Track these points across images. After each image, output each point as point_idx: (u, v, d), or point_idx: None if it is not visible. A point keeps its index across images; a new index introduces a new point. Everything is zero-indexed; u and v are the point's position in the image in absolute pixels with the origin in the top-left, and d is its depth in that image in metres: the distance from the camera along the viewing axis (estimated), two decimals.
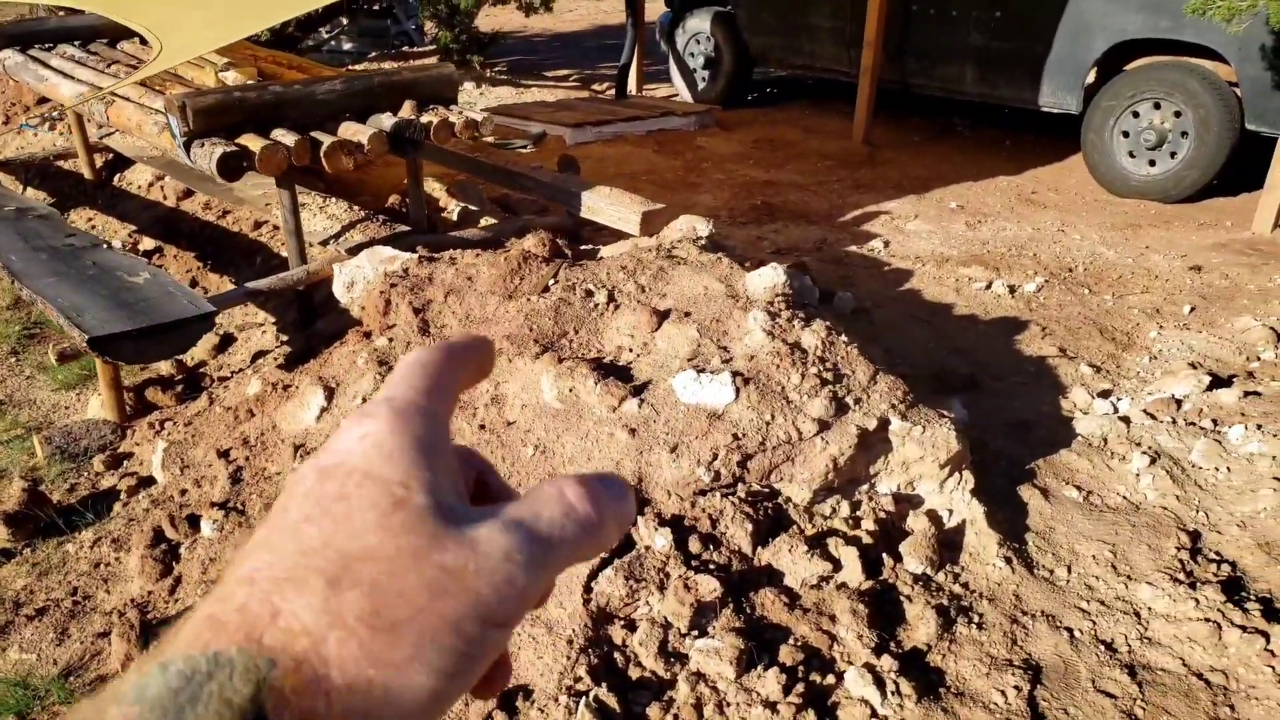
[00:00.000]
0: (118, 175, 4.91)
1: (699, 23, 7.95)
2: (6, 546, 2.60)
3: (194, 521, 2.52)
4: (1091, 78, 6.06)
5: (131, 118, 3.37)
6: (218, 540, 2.43)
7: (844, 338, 2.66)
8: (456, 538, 0.30)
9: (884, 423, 2.44)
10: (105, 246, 3.32)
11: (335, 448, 0.32)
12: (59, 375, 3.52)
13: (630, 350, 2.71)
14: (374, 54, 9.65)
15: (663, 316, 2.76)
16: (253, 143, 2.97)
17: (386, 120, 3.23)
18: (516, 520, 0.32)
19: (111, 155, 4.92)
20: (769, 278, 2.84)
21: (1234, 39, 5.20)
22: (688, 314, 2.76)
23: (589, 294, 2.91)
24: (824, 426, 2.38)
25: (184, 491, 2.70)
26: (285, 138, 3.03)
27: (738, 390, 2.41)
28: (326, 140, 3.07)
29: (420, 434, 0.33)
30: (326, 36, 9.06)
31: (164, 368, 3.32)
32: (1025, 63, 6.24)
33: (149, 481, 2.85)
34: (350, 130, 3.17)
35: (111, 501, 2.77)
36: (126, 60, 4.23)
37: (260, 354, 3.36)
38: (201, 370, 3.43)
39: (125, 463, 2.96)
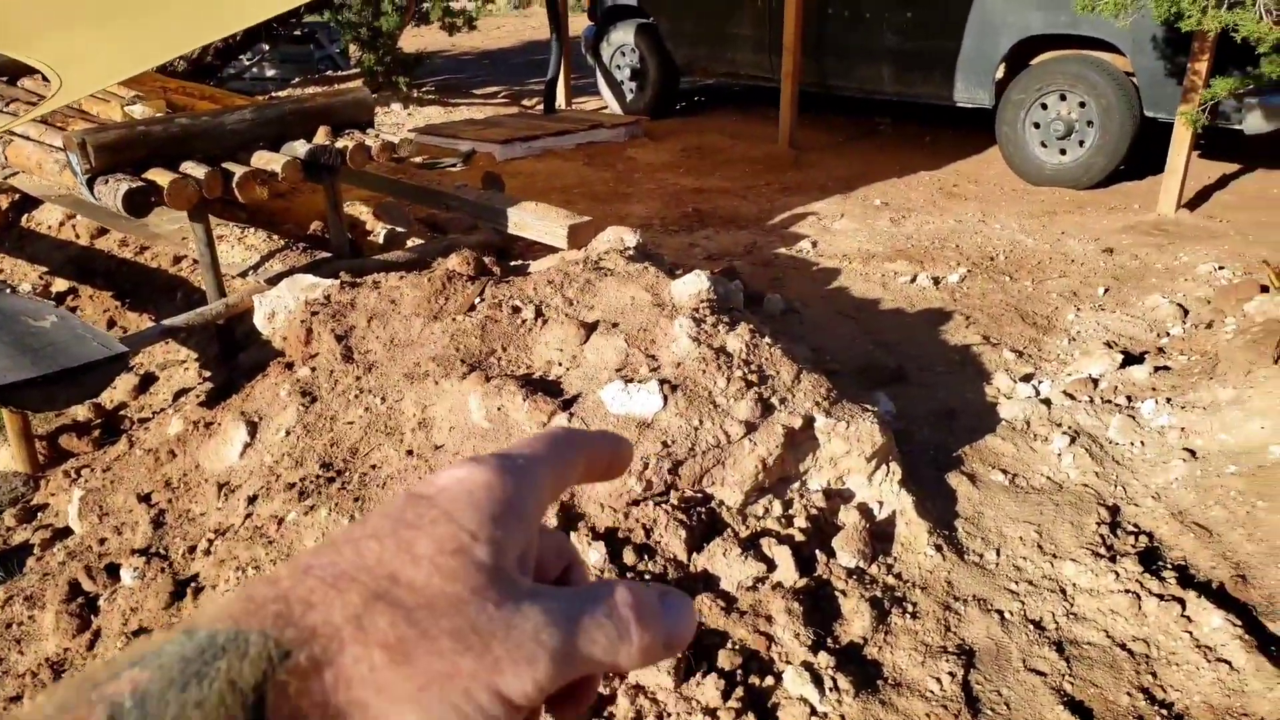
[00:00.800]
0: (25, 216, 4.76)
1: (623, 35, 8.00)
2: None
3: (113, 571, 2.45)
4: (1001, 73, 6.24)
5: (31, 156, 3.28)
6: (139, 589, 2.36)
7: (768, 339, 2.69)
8: (497, 601, 0.30)
9: (809, 420, 2.47)
10: (8, 291, 3.22)
11: (433, 480, 0.34)
12: None
13: (560, 364, 2.71)
14: (298, 79, 9.53)
15: (590, 329, 2.76)
16: (160, 177, 2.91)
17: (300, 147, 3.19)
18: (560, 608, 0.32)
19: (17, 195, 4.78)
20: (693, 284, 2.86)
21: (1127, 32, 5.40)
22: (615, 325, 2.77)
23: (516, 310, 2.90)
24: (751, 428, 2.40)
25: (103, 540, 2.63)
26: (195, 170, 2.98)
27: (665, 398, 2.42)
28: (238, 171, 3.02)
29: (511, 496, 0.33)
30: (248, 64, 8.93)
31: (80, 412, 3.22)
32: (938, 61, 6.40)
33: (66, 533, 2.75)
34: (263, 159, 3.13)
35: (25, 557, 2.67)
36: (26, 97, 4.11)
37: (183, 392, 3.29)
38: (122, 413, 3.34)
39: (39, 515, 2.86)
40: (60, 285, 4.24)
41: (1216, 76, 4.53)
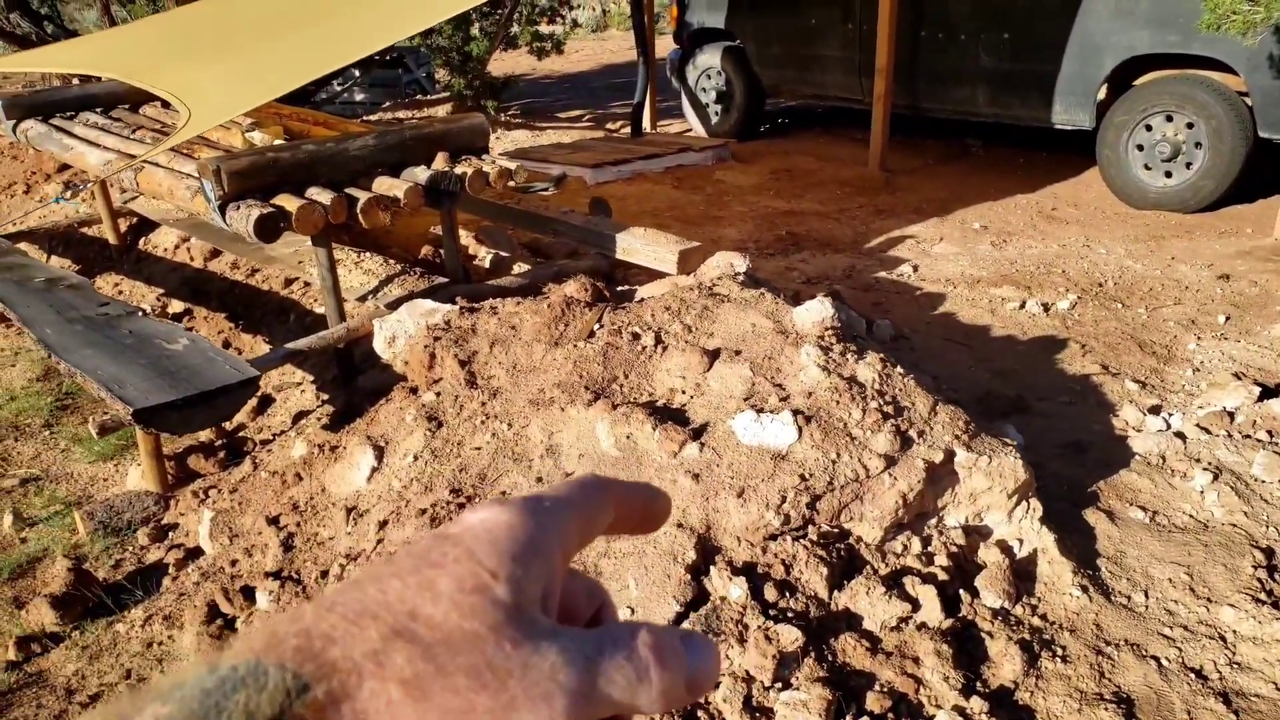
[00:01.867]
0: (142, 239, 4.92)
1: (709, 58, 8.01)
2: (55, 630, 2.54)
3: (249, 593, 2.48)
4: (1103, 94, 6.08)
5: (163, 183, 3.38)
6: (275, 612, 2.39)
7: (899, 369, 2.63)
8: (515, 639, 0.31)
9: (949, 455, 2.40)
10: (140, 314, 3.31)
11: (460, 520, 0.34)
12: (96, 447, 3.50)
13: (683, 392, 2.68)
14: (387, 104, 9.73)
15: (713, 356, 2.73)
16: (289, 203, 2.97)
17: (421, 173, 3.23)
18: (579, 648, 0.32)
19: (135, 219, 4.94)
20: (817, 311, 2.81)
21: (1242, 50, 5.22)
22: (738, 352, 2.73)
23: (635, 337, 2.89)
24: (890, 462, 2.34)
25: (234, 562, 2.67)
26: (321, 196, 3.03)
27: (800, 429, 2.37)
28: (363, 196, 3.07)
29: (533, 537, 0.34)
30: (340, 89, 9.15)
31: (204, 433, 3.29)
32: (1037, 82, 6.26)
33: (197, 553, 2.80)
34: (385, 185, 3.17)
35: (160, 576, 2.73)
36: (150, 125, 4.25)
37: (301, 414, 3.34)
38: (241, 434, 3.40)
39: (171, 534, 2.92)
40: (176, 306, 4.36)
41: None
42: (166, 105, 4.65)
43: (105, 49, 5.03)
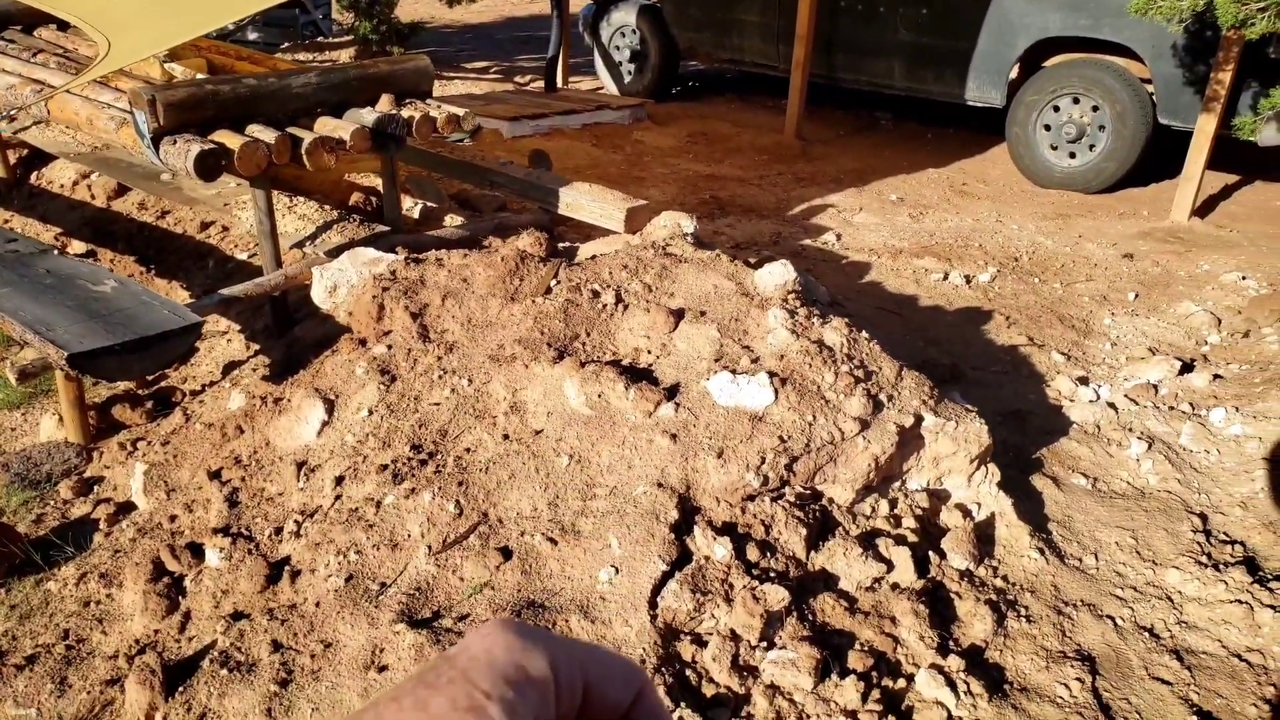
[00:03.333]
0: (35, 173, 4.52)
1: (624, 16, 7.89)
2: None
3: (197, 550, 2.33)
4: (1015, 73, 6.27)
5: (80, 112, 3.10)
6: (228, 570, 2.25)
7: (864, 334, 2.65)
8: None
9: (918, 419, 2.44)
10: (55, 252, 3.04)
11: (464, 644, 0.36)
12: (0, 394, 3.22)
13: (649, 352, 2.64)
14: (285, 45, 9.20)
15: (678, 316, 2.69)
16: (229, 139, 2.76)
17: (368, 115, 3.06)
18: None
19: (27, 151, 4.53)
20: (779, 274, 2.81)
21: (1148, 38, 5.47)
22: (703, 313, 2.70)
23: (595, 294, 2.83)
24: (864, 425, 2.36)
25: (174, 517, 2.50)
26: (264, 134, 2.83)
27: (776, 391, 2.37)
28: (307, 137, 2.89)
29: (531, 666, 0.35)
30: (232, 27, 8.60)
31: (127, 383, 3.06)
32: (952, 59, 6.41)
33: (128, 507, 2.62)
34: (330, 126, 2.99)
35: (89, 531, 2.53)
36: (51, 49, 3.88)
37: (233, 365, 3.14)
38: (165, 384, 3.18)
39: (96, 488, 2.71)
40: (77, 248, 4.03)
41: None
42: (63, 28, 4.26)
43: None
